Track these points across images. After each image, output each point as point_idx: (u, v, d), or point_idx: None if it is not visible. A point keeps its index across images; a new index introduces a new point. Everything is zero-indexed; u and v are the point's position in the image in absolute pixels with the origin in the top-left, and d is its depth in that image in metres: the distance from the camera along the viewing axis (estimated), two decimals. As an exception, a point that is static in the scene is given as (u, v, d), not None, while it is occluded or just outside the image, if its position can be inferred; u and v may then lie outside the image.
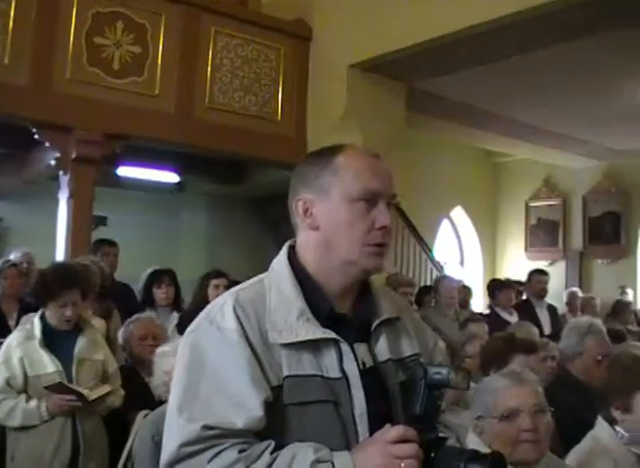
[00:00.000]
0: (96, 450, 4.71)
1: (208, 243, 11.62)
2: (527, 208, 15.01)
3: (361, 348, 2.03)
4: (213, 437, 1.80)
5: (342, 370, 1.95)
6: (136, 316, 5.74)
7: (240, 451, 1.78)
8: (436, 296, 8.67)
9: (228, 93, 8.64)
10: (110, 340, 5.70)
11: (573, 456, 3.37)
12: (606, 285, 13.37)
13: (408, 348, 2.14)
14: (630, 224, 13.83)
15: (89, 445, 4.67)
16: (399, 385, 2.02)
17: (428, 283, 10.70)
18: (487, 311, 9.60)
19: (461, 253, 15.20)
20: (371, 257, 2.01)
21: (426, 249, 12.27)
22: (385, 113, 8.95)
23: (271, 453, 1.79)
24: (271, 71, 8.99)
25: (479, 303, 12.13)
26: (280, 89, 9.05)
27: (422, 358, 2.14)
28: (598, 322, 5.56)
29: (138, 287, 7.51)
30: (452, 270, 13.31)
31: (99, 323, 5.59)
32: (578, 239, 14.40)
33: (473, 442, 2.96)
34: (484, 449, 2.85)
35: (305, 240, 2.09)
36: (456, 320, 8.16)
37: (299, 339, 1.92)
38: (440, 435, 1.87)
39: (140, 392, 4.87)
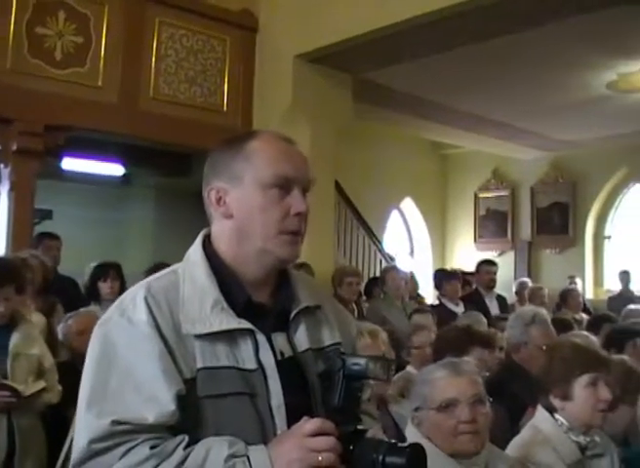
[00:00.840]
0: (33, 449, 4.58)
1: (155, 236, 11.47)
2: (476, 199, 15.12)
3: (279, 338, 1.97)
4: (123, 433, 1.73)
5: (258, 362, 1.89)
6: (76, 311, 5.65)
7: (152, 447, 1.72)
8: (383, 288, 8.65)
9: (173, 84, 8.53)
10: (53, 336, 5.60)
11: (514, 446, 3.36)
12: (554, 274, 13.51)
13: (328, 337, 2.09)
14: (578, 214, 14.00)
15: (25, 443, 4.53)
16: (318, 376, 1.97)
17: (378, 274, 10.68)
18: (436, 302, 9.62)
19: (411, 244, 15.24)
20: (286, 246, 1.96)
21: (376, 240, 12.28)
22: (332, 105, 8.92)
23: (185, 449, 1.73)
24: (217, 62, 8.89)
25: (429, 294, 12.14)
26: (226, 80, 8.96)
27: (344, 347, 2.09)
28: (543, 311, 5.58)
29: (83, 280, 7.39)
30: (403, 261, 13.34)
31: (37, 318, 5.47)
32: (526, 229, 14.55)
33: (412, 433, 2.94)
34: (422, 441, 2.84)
35: (220, 229, 2.03)
36: (403, 311, 8.17)
37: (213, 330, 1.86)
38: (359, 427, 1.81)
39: (78, 388, 4.76)
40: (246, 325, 1.90)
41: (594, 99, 10.52)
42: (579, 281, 12.67)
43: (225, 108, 8.93)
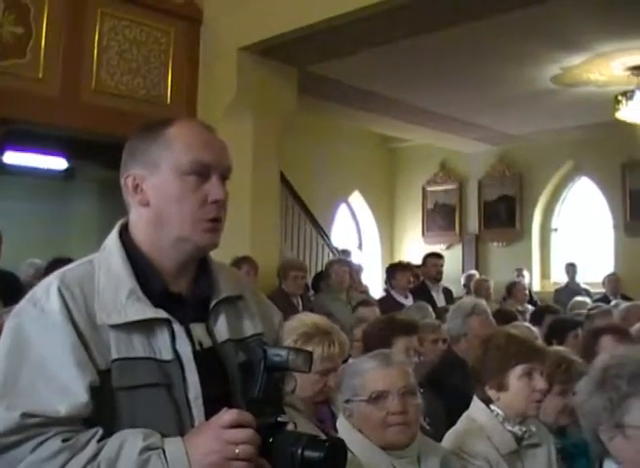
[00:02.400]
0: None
1: (100, 230, 11.24)
2: (424, 192, 15.17)
3: (198, 328, 1.94)
4: (34, 425, 1.68)
5: (175, 352, 1.85)
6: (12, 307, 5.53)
7: (64, 440, 1.68)
8: (328, 281, 8.64)
9: (116, 75, 8.40)
10: (-10, 332, 5.47)
11: (449, 437, 3.36)
12: (502, 267, 13.61)
13: (250, 328, 2.06)
14: (525, 207, 14.12)
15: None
16: (239, 367, 1.94)
17: (327, 268, 10.68)
18: (383, 294, 9.65)
19: (359, 237, 15.24)
20: (204, 233, 1.93)
21: (324, 234, 12.27)
22: (277, 97, 8.88)
23: (99, 442, 1.69)
24: (160, 54, 8.77)
25: (377, 287, 12.17)
26: (170, 72, 8.84)
27: (267, 338, 2.07)
28: (482, 302, 5.61)
29: (25, 275, 7.28)
30: (354, 255, 13.36)
31: (-31, 313, 5.35)
32: (473, 223, 14.64)
33: (343, 425, 2.92)
34: (353, 433, 2.82)
35: (137, 217, 1.99)
36: (348, 304, 8.17)
37: (128, 320, 1.82)
38: (280, 419, 1.79)
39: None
40: (162, 314, 1.86)
41: (540, 93, 10.62)
42: (526, 273, 12.79)
43: (169, 101, 8.82)
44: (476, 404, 3.40)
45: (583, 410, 2.28)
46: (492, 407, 3.34)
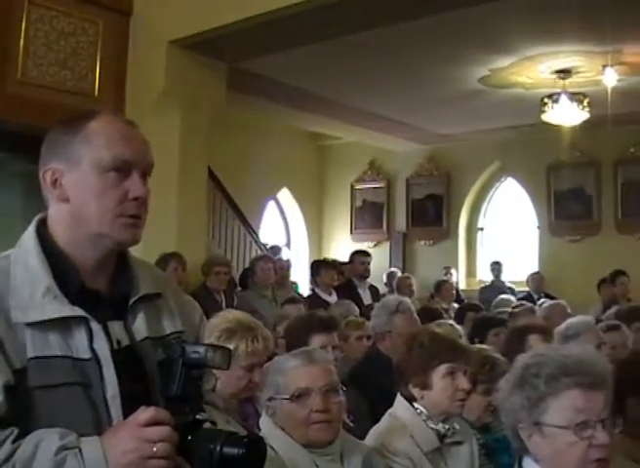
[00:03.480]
0: None
1: (23, 226, 11.06)
2: (352, 190, 15.23)
3: (116, 326, 1.90)
4: None
5: (93, 351, 1.82)
6: None
7: None
8: (253, 278, 8.60)
9: (43, 67, 8.22)
10: None
11: (373, 435, 3.37)
12: (429, 265, 13.77)
13: (169, 326, 2.03)
14: (451, 207, 14.28)
15: None
16: (157, 365, 1.92)
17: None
18: (309, 292, 9.66)
19: (288, 234, 15.23)
20: (124, 229, 1.90)
21: (252, 231, 12.23)
22: (206, 92, 8.80)
23: (14, 442, 1.66)
24: (89, 46, 8.60)
25: (306, 284, 12.17)
26: (98, 64, 8.66)
27: (187, 336, 2.04)
28: (407, 300, 5.65)
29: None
30: (285, 253, 13.35)
31: None
32: (401, 221, 14.75)
33: (266, 423, 2.91)
34: (275, 431, 2.81)
35: (55, 213, 1.95)
36: (273, 301, 8.16)
37: (44, 318, 1.78)
38: (198, 417, 1.78)
39: None
40: (79, 312, 1.82)
41: (468, 94, 10.74)
42: (454, 272, 12.94)
43: (97, 93, 8.65)
44: (400, 402, 3.42)
45: (504, 408, 2.31)
46: (415, 405, 3.37)
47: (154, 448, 1.64)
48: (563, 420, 2.14)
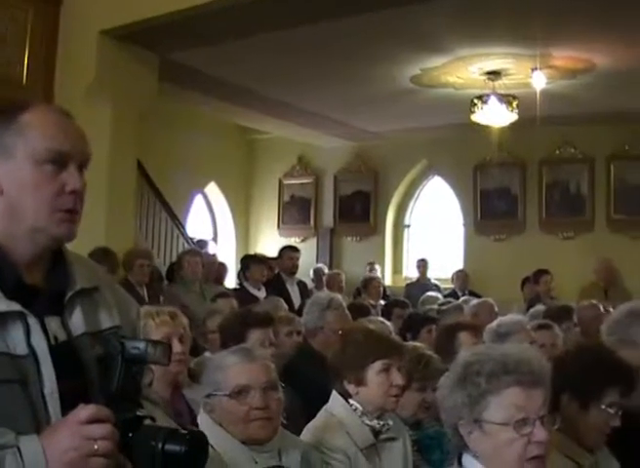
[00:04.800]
0: None
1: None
2: (280, 185, 15.21)
3: (53, 322, 1.85)
4: None
5: (30, 347, 1.76)
6: None
7: None
8: (180, 272, 8.52)
9: (-32, 53, 8.04)
10: None
11: (308, 431, 3.37)
12: (355, 261, 13.83)
13: (107, 320, 1.98)
14: (379, 203, 14.39)
15: None
16: (96, 360, 1.87)
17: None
18: (237, 287, 9.62)
19: (215, 228, 15.14)
20: (60, 224, 1.85)
21: (179, 224, 12.14)
22: (137, 84, 8.69)
23: None
24: (18, 33, 8.39)
25: (232, 279, 12.12)
26: (27, 52, 8.47)
27: (124, 331, 2.00)
28: (338, 297, 5.67)
29: None
30: (212, 247, 13.26)
31: None
32: (329, 217, 14.80)
33: (204, 420, 2.88)
34: (214, 428, 2.79)
35: None
36: (201, 295, 8.10)
37: None
38: (139, 413, 1.75)
39: None
40: (16, 307, 1.77)
41: (399, 93, 10.82)
42: (378, 267, 13.02)
43: (25, 82, 8.45)
44: (335, 398, 3.42)
45: (445, 405, 2.32)
46: (350, 401, 3.38)
47: (95, 446, 1.61)
48: (503, 417, 2.17)
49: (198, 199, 14.56)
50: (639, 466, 3.10)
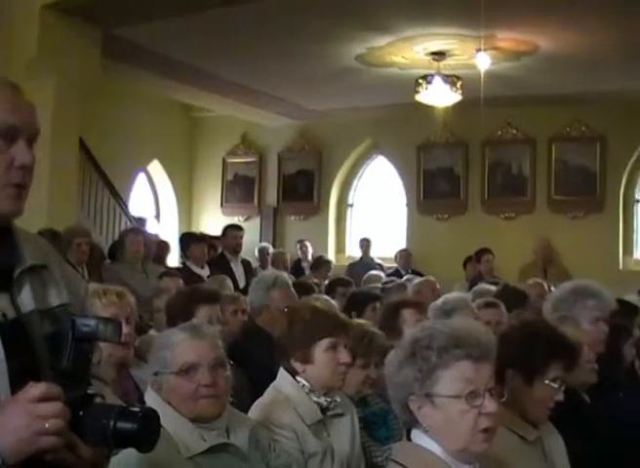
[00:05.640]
0: None
1: None
2: (224, 163, 15.11)
3: (2, 299, 1.81)
4: None
5: None
6: None
7: None
8: (122, 250, 8.43)
9: None
10: None
11: (256, 408, 3.37)
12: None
13: (56, 298, 1.95)
14: (322, 182, 14.37)
15: None
16: (46, 338, 1.85)
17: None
18: (180, 266, 9.57)
19: (157, 207, 15.01)
20: (8, 200, 1.81)
21: (122, 202, 12.02)
22: (81, 59, 8.56)
23: None
24: (-44, 6, 8.24)
25: (175, 258, 12.04)
26: (-34, 26, 8.32)
27: (74, 308, 1.97)
28: (284, 275, 5.69)
29: None
30: (151, 225, 13.16)
31: None
32: (272, 196, 14.76)
33: (151, 398, 2.86)
34: (162, 406, 2.77)
35: None
36: (144, 274, 8.03)
37: None
38: (89, 391, 1.73)
39: None
40: None
41: (344, 71, 10.81)
42: (308, 244, 12.95)
43: (-37, 55, 8.31)
44: (282, 375, 3.43)
45: (394, 382, 2.34)
46: (298, 378, 3.38)
47: (46, 425, 1.57)
48: (454, 390, 2.21)
49: (141, 177, 14.41)
50: (580, 440, 3.17)
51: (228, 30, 9.03)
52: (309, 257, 12.60)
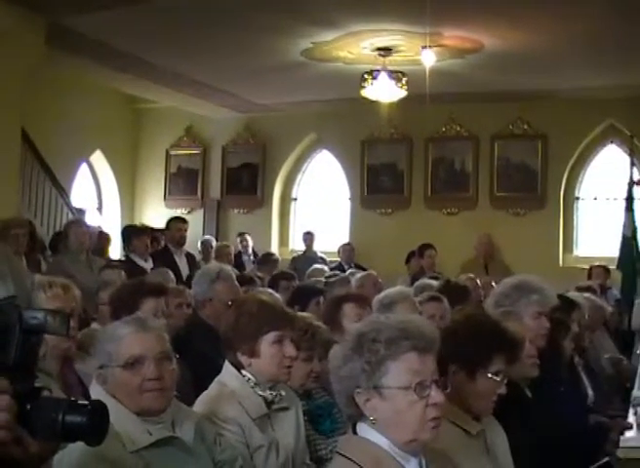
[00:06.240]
0: None
1: None
2: (168, 156, 14.97)
3: None
4: None
5: None
6: None
7: None
8: (66, 242, 8.33)
9: None
10: None
11: (201, 402, 3.36)
12: (241, 234, 13.73)
13: (2, 290, 1.94)
14: (267, 176, 14.35)
15: None
16: None
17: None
18: (123, 258, 9.49)
19: (100, 198, 14.82)
20: None
21: (63, 193, 11.87)
22: (23, 47, 8.46)
23: None
24: None
25: (117, 250, 11.94)
26: None
27: (20, 300, 1.95)
28: (227, 268, 5.68)
29: None
30: (91, 216, 13.00)
31: None
32: (216, 188, 14.69)
33: (96, 391, 2.84)
34: (107, 400, 2.75)
35: None
36: (88, 266, 7.95)
37: None
38: (36, 385, 1.71)
39: None
40: None
41: (289, 65, 10.80)
42: (249, 238, 12.93)
43: None
44: (228, 369, 3.43)
45: (339, 375, 2.36)
46: (243, 372, 3.39)
47: None
48: (403, 382, 2.26)
49: (83, 168, 14.21)
50: (521, 433, 3.23)
51: (175, 22, 8.96)
52: (250, 251, 12.58)
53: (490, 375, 2.95)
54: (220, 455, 3.02)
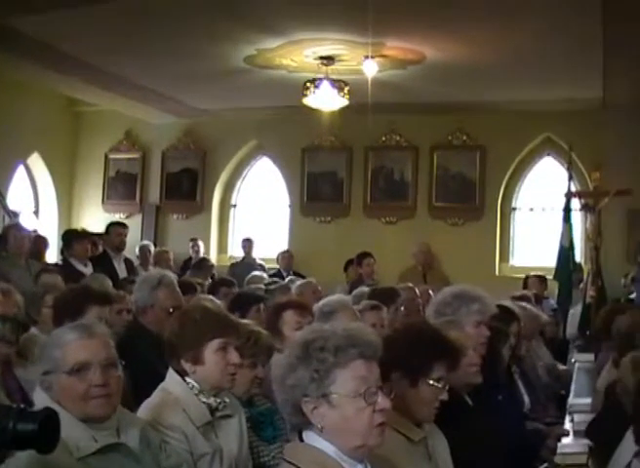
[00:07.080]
0: None
1: None
2: (106, 159, 14.83)
3: None
4: None
5: None
6: None
7: None
8: (6, 246, 8.23)
9: None
10: None
11: (144, 409, 3.35)
12: (181, 239, 13.69)
13: None
14: (206, 182, 14.31)
15: None
16: None
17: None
18: (61, 262, 9.39)
19: (37, 201, 14.61)
20: None
21: (0, 195, 11.68)
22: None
23: None
24: None
25: (53, 254, 11.78)
26: None
27: None
28: (169, 274, 5.64)
29: None
30: (26, 219, 12.80)
31: None
32: (155, 193, 14.59)
33: (41, 398, 2.81)
34: (52, 406, 2.73)
35: None
36: (27, 270, 7.86)
37: None
38: None
39: None
40: None
41: (231, 72, 10.81)
42: (200, 243, 12.95)
43: None
44: (171, 376, 3.43)
45: (285, 384, 2.37)
46: (187, 379, 3.40)
47: None
48: (351, 389, 2.30)
49: (20, 170, 13.98)
50: (461, 439, 3.29)
51: (117, 24, 8.89)
52: (200, 256, 12.57)
53: (431, 382, 3.00)
54: (166, 462, 3.02)
